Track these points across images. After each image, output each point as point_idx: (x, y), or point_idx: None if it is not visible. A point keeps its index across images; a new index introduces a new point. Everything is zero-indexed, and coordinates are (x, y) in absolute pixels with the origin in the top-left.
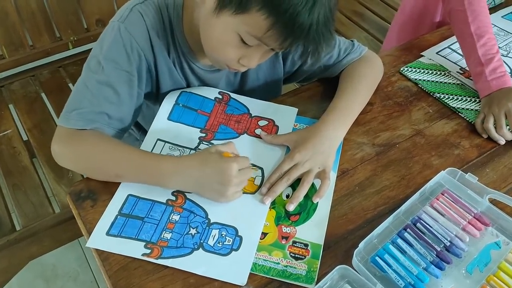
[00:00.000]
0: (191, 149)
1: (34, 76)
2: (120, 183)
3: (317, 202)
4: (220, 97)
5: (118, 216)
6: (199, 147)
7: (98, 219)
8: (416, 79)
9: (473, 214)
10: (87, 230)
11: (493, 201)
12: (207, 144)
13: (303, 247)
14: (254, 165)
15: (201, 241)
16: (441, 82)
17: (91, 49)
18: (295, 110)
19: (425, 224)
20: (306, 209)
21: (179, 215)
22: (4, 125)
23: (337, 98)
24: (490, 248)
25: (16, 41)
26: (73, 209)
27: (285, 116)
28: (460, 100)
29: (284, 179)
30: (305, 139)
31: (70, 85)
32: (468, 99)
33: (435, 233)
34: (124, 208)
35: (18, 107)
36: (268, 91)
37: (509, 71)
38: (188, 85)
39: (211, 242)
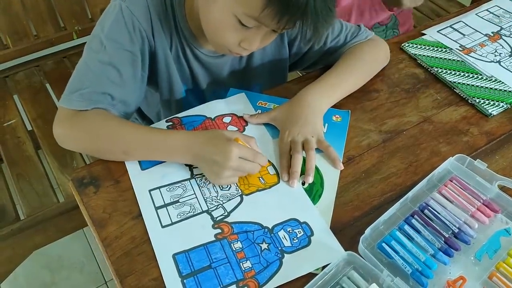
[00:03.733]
0: (188, 179)
1: (39, 67)
2: (132, 201)
3: (323, 189)
4: (171, 123)
5: (185, 280)
6: (194, 174)
7: (101, 206)
8: (415, 54)
9: (482, 201)
10: (90, 216)
11: (502, 188)
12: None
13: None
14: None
15: (280, 248)
16: (440, 57)
17: None
18: (243, 94)
19: (433, 211)
20: (311, 195)
21: (239, 241)
22: (9, 115)
23: (327, 73)
24: (500, 235)
25: (20, 30)
26: (76, 196)
27: (240, 104)
28: (457, 75)
29: (295, 155)
30: (288, 114)
31: None
32: (466, 74)
33: (443, 219)
34: (182, 269)
35: (23, 97)
36: (273, 77)
37: (509, 50)
38: (191, 72)
39: (287, 243)
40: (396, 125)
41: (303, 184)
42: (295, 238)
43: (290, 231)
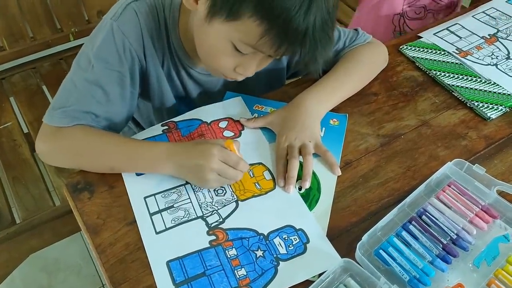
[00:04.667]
0: (184, 184)
1: (35, 69)
2: (127, 207)
3: (320, 195)
4: (167, 127)
5: (179, 287)
6: None
7: (95, 211)
8: (413, 56)
9: (480, 207)
10: (84, 222)
11: (501, 193)
12: None
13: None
14: (256, 163)
15: (275, 256)
16: (438, 60)
17: None
18: (239, 98)
19: (431, 217)
20: (308, 200)
21: (234, 248)
22: (5, 117)
23: (325, 77)
24: (498, 241)
25: (16, 32)
26: (70, 201)
27: (236, 107)
28: (456, 78)
29: (292, 161)
30: (285, 119)
31: None
32: (465, 77)
33: (441, 225)
34: (176, 276)
35: (19, 99)
36: (271, 88)
37: (506, 53)
38: (185, 90)
39: (282, 250)
40: (394, 129)
41: (299, 189)
42: (290, 245)
43: (286, 238)
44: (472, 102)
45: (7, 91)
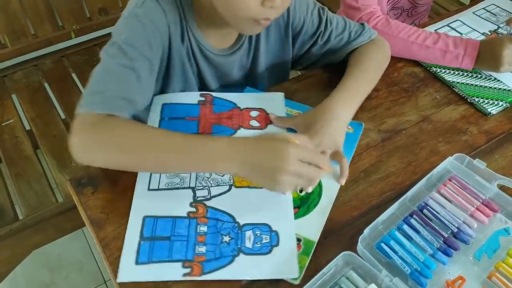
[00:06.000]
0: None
1: (37, 66)
2: (130, 202)
3: (319, 200)
4: (203, 99)
5: (141, 242)
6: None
7: (99, 206)
8: None
9: (481, 200)
10: (88, 216)
11: (502, 187)
12: None
13: (296, 241)
14: None
15: (239, 246)
16: None
17: (94, 38)
18: (282, 94)
19: (432, 211)
20: (307, 203)
21: (206, 226)
22: (7, 114)
23: (345, 79)
24: (499, 235)
25: (18, 30)
26: (73, 196)
27: (274, 103)
28: (456, 75)
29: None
30: (312, 122)
31: (73, 75)
32: (465, 73)
33: (442, 219)
34: (145, 231)
35: (21, 96)
36: (277, 74)
37: None
38: (200, 73)
39: (248, 244)
40: (395, 124)
41: (300, 191)
42: (258, 243)
43: (258, 234)
44: (473, 98)
45: (9, 88)
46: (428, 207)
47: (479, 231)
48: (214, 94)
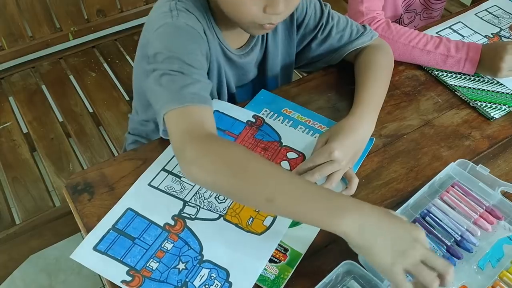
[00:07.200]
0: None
1: (34, 68)
2: (122, 195)
3: None
4: (253, 120)
5: (111, 230)
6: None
7: (95, 213)
8: None
9: (484, 207)
10: (84, 224)
11: (505, 194)
12: None
13: (282, 250)
14: None
15: (187, 279)
16: None
17: (92, 40)
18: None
19: (435, 218)
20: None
21: (172, 244)
22: (4, 117)
23: (362, 91)
24: (503, 243)
25: (16, 32)
26: (69, 203)
27: (312, 146)
28: (458, 78)
29: (316, 173)
30: (341, 136)
31: (71, 77)
32: (468, 77)
33: (445, 227)
34: (120, 222)
35: (18, 99)
36: (284, 70)
37: None
38: (219, 74)
39: (197, 283)
40: (396, 129)
41: None
42: (206, 285)
43: (213, 277)
44: (475, 102)
45: (6, 90)
46: (430, 214)
47: (483, 239)
48: (266, 119)
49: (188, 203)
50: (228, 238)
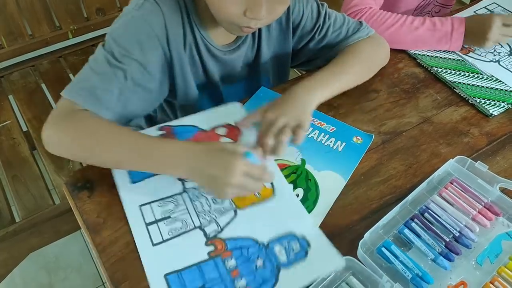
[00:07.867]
0: (180, 193)
1: (34, 66)
2: None
3: (314, 208)
4: (163, 132)
5: None
6: (186, 187)
7: (95, 210)
8: (415, 53)
9: (483, 204)
10: (84, 221)
11: (504, 190)
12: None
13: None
14: None
15: (276, 265)
16: (440, 57)
17: (91, 38)
18: (239, 104)
19: (433, 214)
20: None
21: (233, 259)
22: (4, 115)
23: (322, 69)
24: (501, 239)
25: (15, 30)
26: (69, 200)
27: (234, 113)
28: (457, 75)
29: (269, 135)
30: (275, 103)
31: (71, 75)
32: (467, 74)
33: (444, 223)
34: None
35: (18, 97)
36: (278, 68)
37: (508, 49)
38: (207, 73)
39: (283, 258)
40: (395, 126)
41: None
42: (291, 252)
43: (287, 245)
44: (474, 98)
45: (6, 89)
46: (429, 210)
47: (481, 235)
48: (172, 123)
49: (203, 226)
50: (260, 217)
